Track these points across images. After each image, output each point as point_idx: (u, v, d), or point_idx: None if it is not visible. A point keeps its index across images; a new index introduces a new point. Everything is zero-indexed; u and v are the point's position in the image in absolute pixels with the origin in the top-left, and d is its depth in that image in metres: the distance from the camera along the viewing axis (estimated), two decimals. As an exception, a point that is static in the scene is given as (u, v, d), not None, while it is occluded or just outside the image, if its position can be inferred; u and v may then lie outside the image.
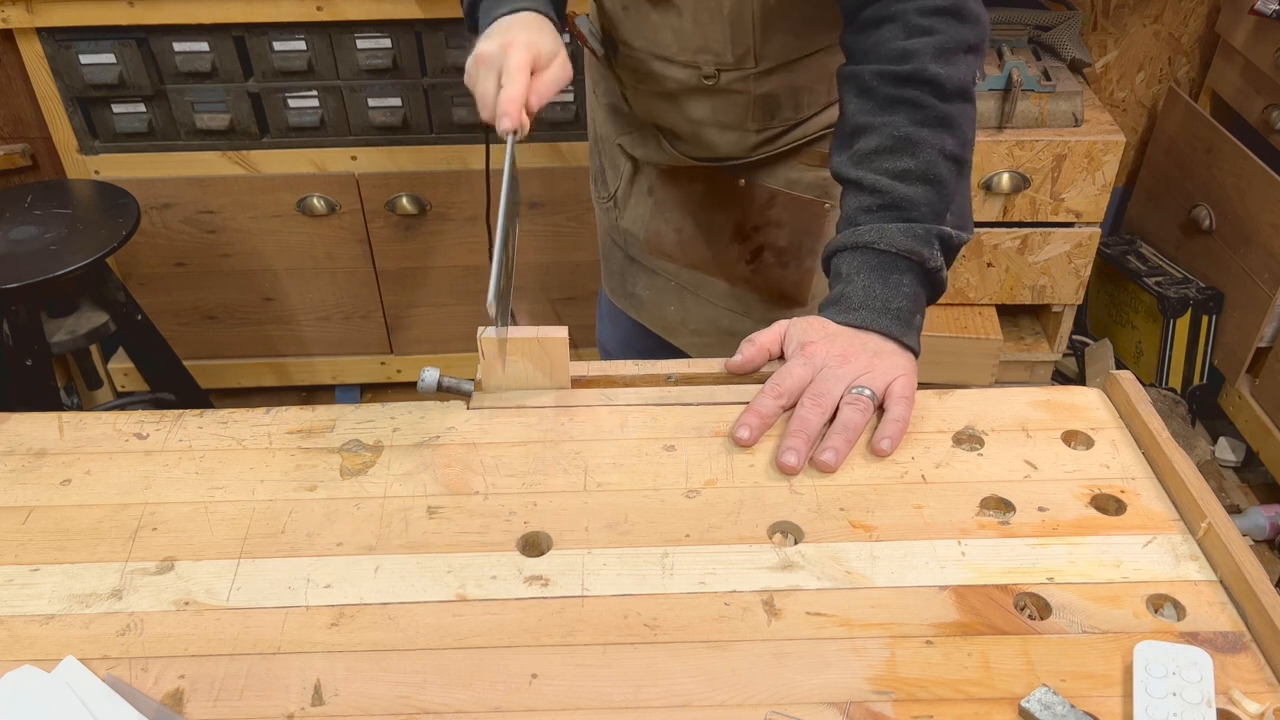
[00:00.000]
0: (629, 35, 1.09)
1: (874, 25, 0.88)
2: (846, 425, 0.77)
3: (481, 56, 0.90)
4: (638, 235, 1.28)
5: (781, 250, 1.19)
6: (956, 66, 0.86)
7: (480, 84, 0.90)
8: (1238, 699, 0.59)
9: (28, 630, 0.65)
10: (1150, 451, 0.77)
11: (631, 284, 1.34)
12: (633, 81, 1.15)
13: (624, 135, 1.23)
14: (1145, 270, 2.25)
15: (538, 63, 0.89)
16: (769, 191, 1.16)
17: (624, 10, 1.07)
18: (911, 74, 0.85)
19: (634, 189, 1.26)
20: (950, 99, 0.86)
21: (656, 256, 1.28)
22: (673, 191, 1.22)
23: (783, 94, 1.08)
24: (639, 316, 1.36)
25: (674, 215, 1.24)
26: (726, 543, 0.70)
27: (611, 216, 1.32)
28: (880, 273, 0.84)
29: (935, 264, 0.85)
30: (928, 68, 0.85)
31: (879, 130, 0.86)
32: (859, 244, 0.85)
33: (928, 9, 0.86)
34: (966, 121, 0.88)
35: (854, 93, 0.89)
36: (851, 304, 0.84)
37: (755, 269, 1.22)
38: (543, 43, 0.91)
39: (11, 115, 2.04)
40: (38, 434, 0.80)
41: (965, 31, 0.87)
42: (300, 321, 2.23)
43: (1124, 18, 2.21)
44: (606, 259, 1.38)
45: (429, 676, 0.61)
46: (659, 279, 1.30)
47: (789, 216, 1.17)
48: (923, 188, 0.85)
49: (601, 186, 1.33)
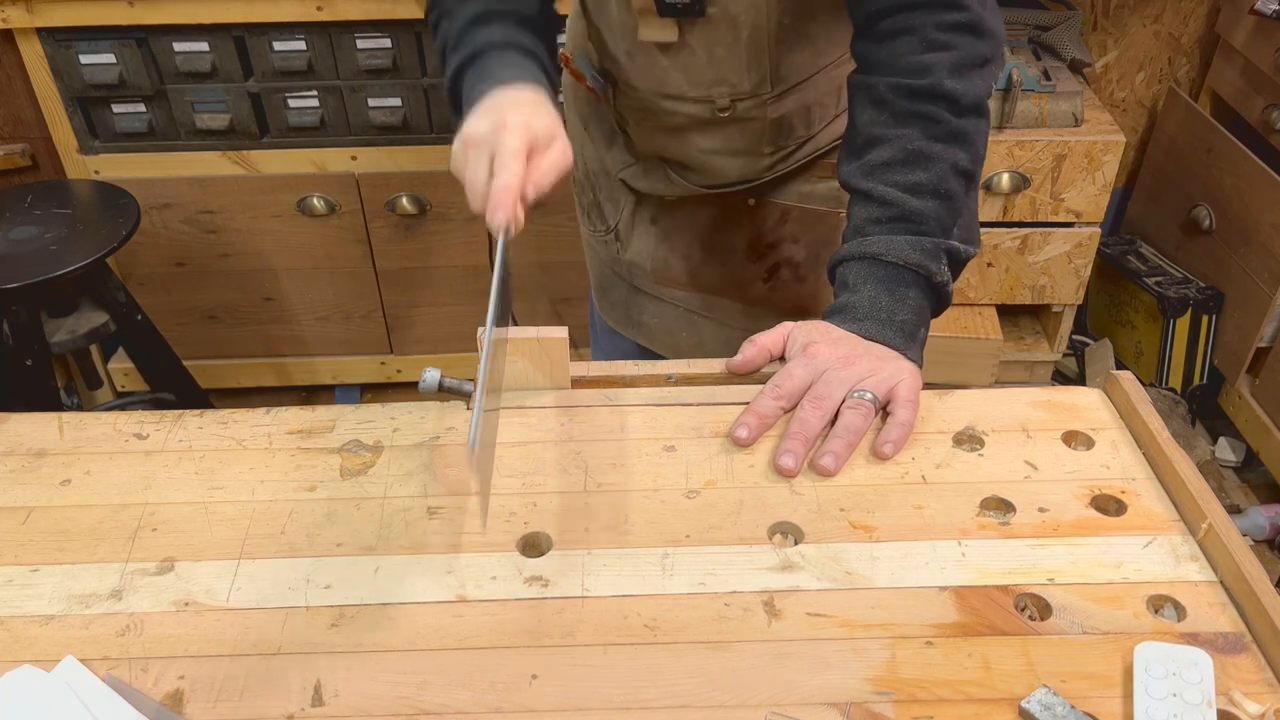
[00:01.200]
0: (633, 79, 1.05)
1: (891, 37, 0.87)
2: (847, 429, 0.77)
3: (470, 139, 0.79)
4: (643, 266, 1.23)
5: (799, 265, 1.17)
6: (972, 82, 0.85)
7: (470, 170, 0.79)
8: (1238, 700, 0.59)
9: (28, 631, 0.65)
10: (1150, 452, 0.77)
11: (638, 314, 1.29)
12: (636, 119, 1.10)
13: (625, 169, 1.17)
14: (1145, 270, 2.25)
15: (534, 146, 0.79)
16: (781, 208, 1.14)
17: (629, 56, 1.03)
18: (928, 89, 0.84)
19: (636, 220, 1.21)
20: (965, 114, 0.85)
21: (664, 285, 1.23)
22: (678, 218, 1.18)
23: (796, 113, 1.06)
24: (648, 344, 1.30)
25: (680, 242, 1.20)
26: (726, 543, 0.70)
27: (612, 250, 1.26)
28: (887, 285, 0.83)
29: (942, 278, 0.84)
30: (944, 83, 0.84)
31: (892, 143, 0.86)
32: (867, 254, 0.84)
33: (946, 24, 0.85)
34: (980, 137, 0.87)
35: (867, 103, 0.88)
36: (857, 314, 0.83)
37: (773, 286, 1.19)
38: (539, 123, 0.80)
39: (11, 115, 2.04)
40: (38, 434, 0.80)
41: (982, 47, 0.86)
42: (300, 321, 2.23)
43: (1124, 18, 2.21)
44: (606, 291, 1.31)
45: (429, 677, 0.61)
46: (666, 306, 1.25)
47: (804, 231, 1.14)
48: (933, 201, 0.84)
49: (598, 221, 1.27)
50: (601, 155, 1.20)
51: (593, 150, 1.22)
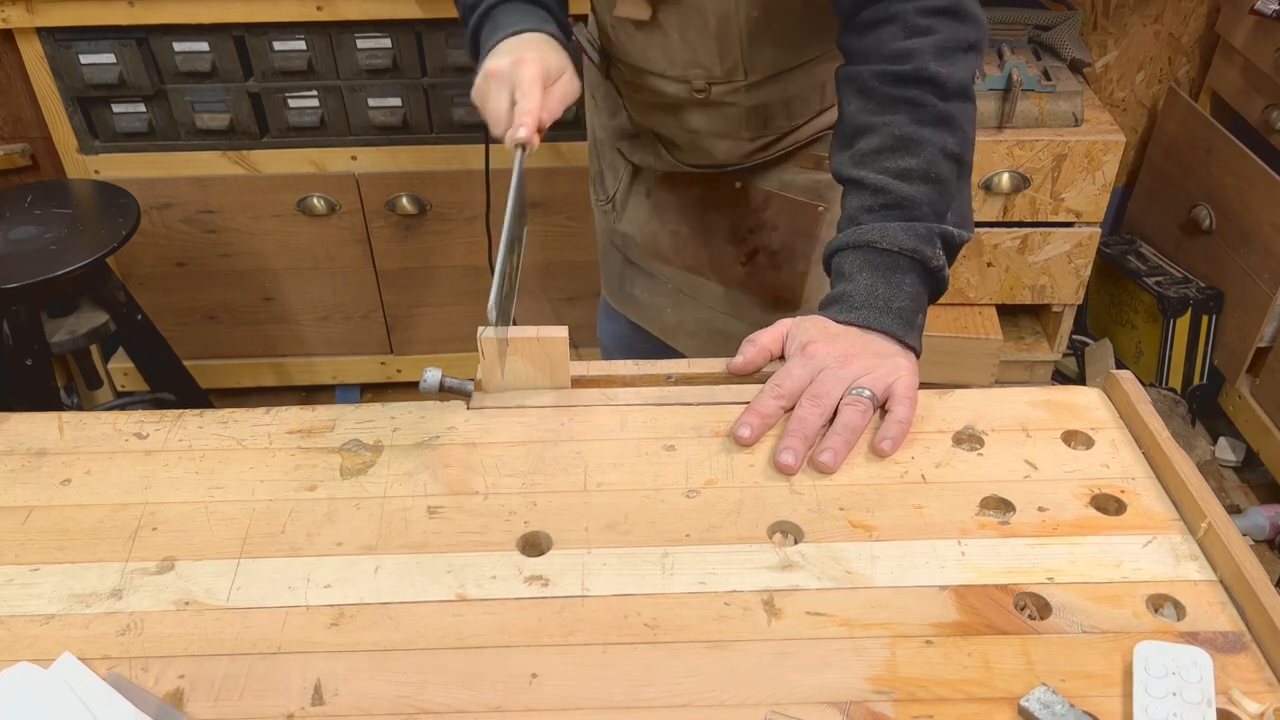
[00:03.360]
0: (620, 51, 1.10)
1: (873, 26, 0.88)
2: (846, 426, 0.77)
3: (492, 72, 0.91)
4: (635, 238, 1.28)
5: (775, 253, 1.19)
6: (956, 66, 0.86)
7: (492, 100, 0.91)
8: (1238, 699, 0.59)
9: (28, 630, 0.65)
10: (1150, 451, 0.77)
11: (630, 286, 1.34)
12: (630, 92, 1.15)
13: (623, 140, 1.24)
14: (1145, 270, 2.25)
15: (547, 78, 0.91)
16: (764, 193, 1.16)
17: (613, 29, 1.08)
18: (912, 73, 0.85)
19: (632, 192, 1.26)
20: (950, 98, 0.86)
21: (653, 259, 1.28)
22: (670, 194, 1.23)
23: (775, 104, 1.08)
24: (637, 318, 1.36)
25: (670, 218, 1.24)
26: (726, 543, 0.70)
27: (610, 219, 1.32)
28: (883, 272, 0.84)
29: (938, 263, 0.85)
30: (928, 66, 0.85)
31: (880, 130, 0.86)
32: (861, 243, 0.85)
33: (927, 9, 0.86)
34: (967, 120, 0.88)
35: (854, 93, 0.89)
36: (854, 303, 0.84)
37: (750, 271, 1.22)
38: (551, 59, 0.93)
39: (11, 115, 2.04)
40: (38, 434, 0.80)
41: (965, 31, 0.87)
42: (300, 321, 2.23)
43: (1124, 18, 2.21)
44: (605, 261, 1.39)
45: (429, 676, 0.61)
46: (656, 281, 1.30)
47: (783, 219, 1.17)
48: (924, 187, 0.85)
49: (600, 189, 1.33)
50: (605, 124, 1.26)
51: (598, 119, 1.28)
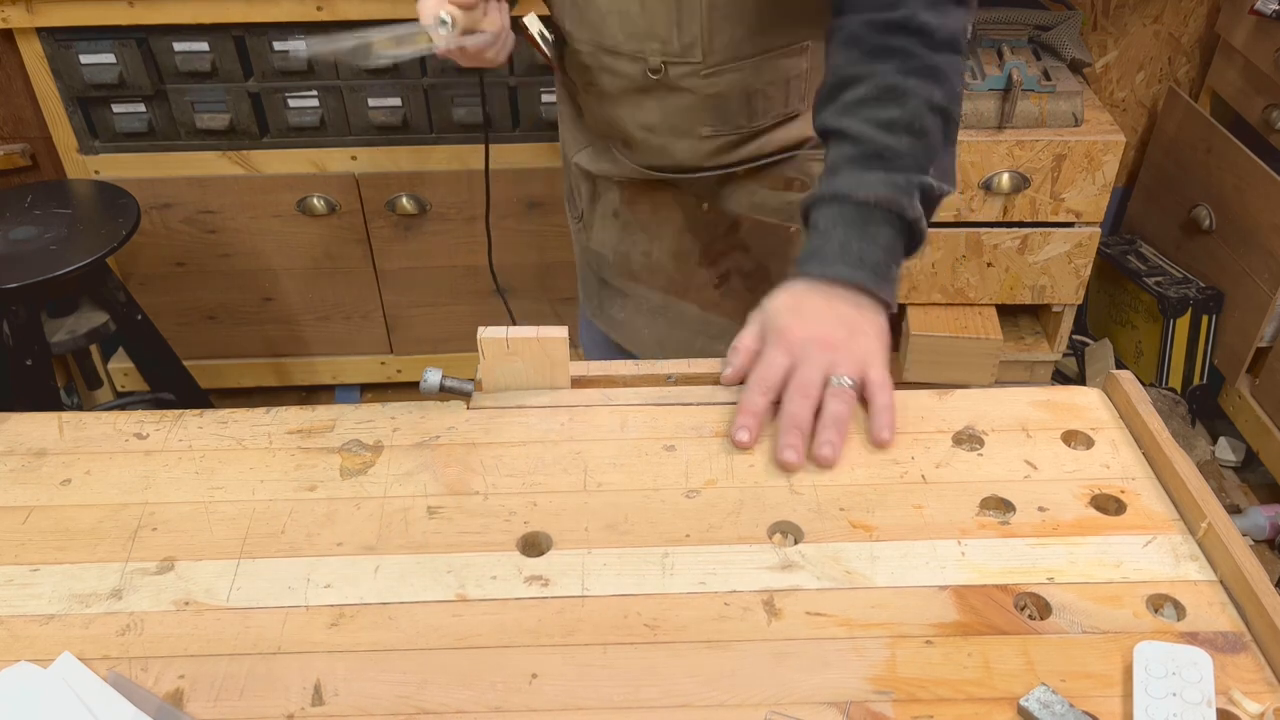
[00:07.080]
0: (575, 26, 1.07)
1: None
2: (836, 419, 0.77)
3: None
4: (608, 258, 1.26)
5: (749, 275, 1.18)
6: (947, 16, 0.85)
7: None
8: (1238, 699, 0.59)
9: (27, 630, 0.65)
10: (1150, 451, 0.77)
11: (608, 306, 1.32)
12: (583, 83, 1.12)
13: (580, 151, 1.21)
14: (1145, 270, 2.25)
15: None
16: (732, 217, 1.15)
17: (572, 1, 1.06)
18: (901, 21, 0.84)
19: (597, 210, 1.24)
20: (939, 49, 0.85)
21: (627, 280, 1.26)
22: (638, 214, 1.20)
23: (733, 96, 1.05)
24: (618, 339, 1.34)
25: (640, 239, 1.22)
26: (726, 543, 0.70)
27: (582, 238, 1.30)
28: (857, 225, 0.83)
29: (914, 214, 0.83)
30: (918, 15, 0.84)
31: (866, 80, 0.85)
32: (837, 194, 0.84)
33: None
34: (955, 74, 0.87)
35: (841, 43, 0.88)
36: (827, 258, 0.83)
37: (724, 293, 1.20)
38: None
39: (11, 115, 2.04)
40: (38, 434, 0.80)
41: None
42: (300, 321, 2.23)
43: (1124, 18, 2.21)
44: (583, 279, 1.36)
45: (429, 676, 0.61)
46: (632, 301, 1.28)
47: (754, 241, 1.15)
48: (907, 138, 0.84)
49: (572, 206, 1.31)
50: (567, 140, 1.24)
51: (564, 130, 1.26)
